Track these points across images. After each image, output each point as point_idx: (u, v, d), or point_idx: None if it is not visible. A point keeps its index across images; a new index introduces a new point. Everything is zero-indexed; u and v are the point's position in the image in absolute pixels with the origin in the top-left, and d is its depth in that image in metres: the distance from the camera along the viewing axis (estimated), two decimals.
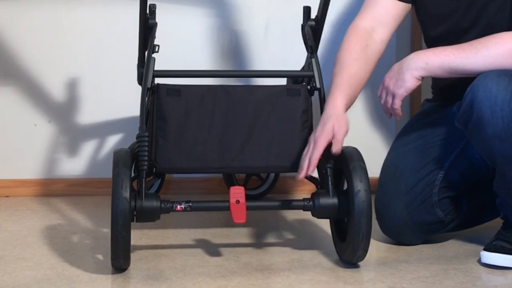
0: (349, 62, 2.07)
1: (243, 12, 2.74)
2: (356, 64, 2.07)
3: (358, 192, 1.88)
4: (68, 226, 2.35)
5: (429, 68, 1.96)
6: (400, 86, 1.99)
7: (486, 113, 1.86)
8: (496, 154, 1.89)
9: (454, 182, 2.13)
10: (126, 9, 2.69)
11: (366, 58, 2.09)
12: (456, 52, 1.95)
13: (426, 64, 1.96)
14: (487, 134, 1.88)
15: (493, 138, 1.87)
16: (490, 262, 1.97)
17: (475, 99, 1.88)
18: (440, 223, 2.13)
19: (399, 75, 1.99)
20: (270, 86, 2.05)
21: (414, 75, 1.97)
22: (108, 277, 1.89)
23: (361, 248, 1.91)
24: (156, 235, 2.24)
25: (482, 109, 1.87)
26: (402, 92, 2.00)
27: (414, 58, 1.98)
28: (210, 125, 2.00)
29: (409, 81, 1.98)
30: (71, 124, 2.73)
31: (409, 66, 1.98)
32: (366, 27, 2.12)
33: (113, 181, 1.85)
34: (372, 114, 2.81)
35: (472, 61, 1.93)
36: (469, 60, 1.93)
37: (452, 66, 1.95)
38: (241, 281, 1.87)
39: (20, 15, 2.68)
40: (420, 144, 2.16)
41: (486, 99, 1.86)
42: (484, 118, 1.87)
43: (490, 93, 1.86)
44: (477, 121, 1.88)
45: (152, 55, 2.06)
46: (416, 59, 1.98)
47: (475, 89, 1.89)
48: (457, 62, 1.94)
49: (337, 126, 1.95)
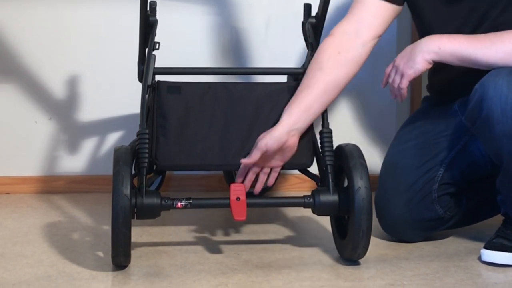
0: (311, 74, 2.02)
1: (244, 9, 2.73)
2: (317, 74, 2.01)
3: (359, 189, 1.88)
4: (68, 223, 2.35)
5: (441, 53, 1.96)
6: (411, 66, 1.99)
7: (496, 111, 1.86)
8: (505, 152, 1.89)
9: (454, 179, 2.13)
10: (126, 6, 2.69)
11: (336, 65, 2.03)
12: (471, 41, 1.94)
13: (439, 49, 1.96)
14: (496, 132, 1.87)
15: (502, 136, 1.87)
16: (491, 260, 1.97)
17: (485, 97, 1.87)
18: (440, 219, 2.13)
19: (411, 55, 1.99)
20: (270, 84, 2.05)
21: (425, 57, 1.97)
22: (109, 274, 1.89)
23: (361, 245, 1.91)
24: (157, 232, 2.24)
25: (492, 107, 1.86)
26: (411, 73, 1.99)
27: (428, 41, 1.98)
28: (210, 122, 2.00)
29: (420, 63, 1.98)
30: (72, 121, 2.73)
31: (422, 48, 1.98)
32: (347, 31, 2.07)
33: (114, 179, 1.85)
34: (372, 111, 2.81)
35: (485, 53, 1.92)
36: (482, 51, 1.92)
37: (464, 55, 1.94)
38: (242, 278, 1.87)
39: (20, 13, 2.68)
40: (420, 141, 2.16)
41: (497, 97, 1.85)
42: (493, 117, 1.86)
43: (501, 92, 1.85)
44: (486, 119, 1.88)
45: (153, 52, 2.06)
46: (430, 42, 1.98)
47: (485, 86, 1.88)
48: (470, 51, 1.94)
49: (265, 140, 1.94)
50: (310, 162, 2.04)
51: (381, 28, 2.09)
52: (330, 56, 2.03)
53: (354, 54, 2.05)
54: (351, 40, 2.06)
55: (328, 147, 2.00)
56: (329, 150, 1.99)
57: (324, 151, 2.00)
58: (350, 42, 2.05)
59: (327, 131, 2.01)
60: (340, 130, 2.73)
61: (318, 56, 2.04)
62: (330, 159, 1.98)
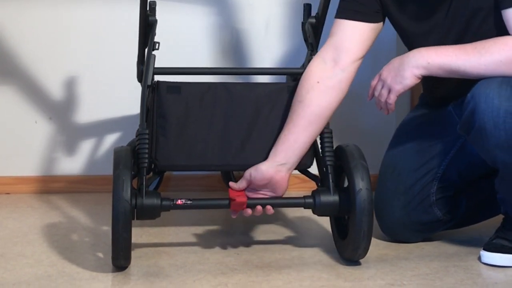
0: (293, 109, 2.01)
1: (244, 10, 2.73)
2: (298, 108, 1.99)
3: (360, 190, 1.88)
4: (68, 224, 2.35)
5: (429, 68, 1.93)
6: (399, 82, 1.95)
7: (489, 124, 1.84)
8: (499, 162, 1.88)
9: (452, 180, 2.12)
10: (126, 6, 2.69)
11: (316, 95, 2.00)
12: (459, 54, 1.91)
13: (427, 63, 1.93)
14: (489, 144, 1.86)
15: (496, 148, 1.86)
16: (490, 262, 1.96)
17: (477, 110, 1.85)
18: (438, 222, 2.13)
19: (399, 71, 1.95)
20: (270, 84, 2.06)
21: (414, 73, 1.94)
22: (109, 274, 1.89)
23: (362, 246, 1.91)
24: (157, 232, 2.24)
25: (484, 120, 1.84)
26: (400, 89, 1.96)
27: (416, 56, 1.94)
28: (210, 123, 2.00)
29: (408, 79, 1.94)
30: (72, 122, 2.73)
31: (410, 63, 1.94)
32: (325, 60, 2.03)
33: (114, 183, 1.84)
34: (373, 111, 2.81)
35: (473, 65, 1.89)
36: (471, 64, 1.89)
37: (453, 68, 1.92)
38: (242, 278, 1.87)
39: (20, 14, 2.68)
40: (418, 143, 2.15)
41: (489, 110, 1.84)
42: (486, 129, 1.85)
43: (492, 104, 1.84)
44: (479, 131, 1.86)
45: (152, 52, 2.06)
46: (418, 57, 1.94)
47: (476, 98, 1.86)
48: (459, 64, 1.90)
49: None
50: (310, 162, 2.04)
51: (360, 50, 2.04)
52: (309, 87, 2.00)
53: (334, 81, 2.02)
54: (330, 69, 2.02)
55: (328, 147, 2.00)
56: (329, 150, 1.99)
57: (325, 151, 1.99)
58: (328, 71, 2.02)
59: (327, 131, 2.01)
60: (340, 130, 2.74)
61: (298, 89, 2.02)
62: (331, 159, 1.98)
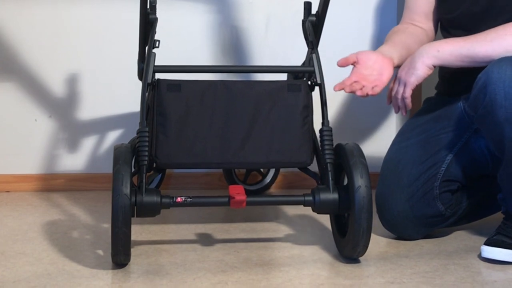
0: (391, 35, 2.23)
1: (244, 8, 2.74)
2: (397, 35, 2.21)
3: (359, 188, 1.89)
4: (68, 221, 2.35)
5: (440, 56, 1.99)
6: (412, 74, 2.03)
7: (500, 94, 1.87)
8: (506, 138, 1.89)
9: (455, 176, 2.13)
10: (126, 4, 2.69)
11: (409, 33, 2.21)
12: (468, 40, 1.99)
13: (437, 52, 1.99)
14: (498, 117, 1.88)
15: (504, 121, 1.87)
16: (491, 256, 1.97)
17: (489, 81, 1.88)
18: (440, 216, 2.13)
19: (411, 64, 2.04)
20: (270, 82, 2.05)
21: (425, 62, 2.00)
22: (109, 272, 1.89)
23: (361, 244, 1.91)
24: (157, 230, 2.25)
25: (496, 90, 1.87)
26: (413, 80, 2.03)
27: (426, 47, 2.03)
28: (210, 121, 2.00)
29: (420, 69, 2.01)
30: (72, 120, 2.73)
31: (421, 54, 2.02)
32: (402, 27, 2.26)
33: (114, 178, 1.85)
34: (373, 110, 2.81)
35: (482, 46, 1.96)
36: (481, 46, 1.96)
37: (463, 52, 1.97)
38: (242, 276, 1.87)
39: (20, 12, 2.68)
40: (423, 138, 2.17)
41: (500, 81, 1.87)
42: (496, 100, 1.87)
43: (504, 75, 1.87)
44: (489, 104, 1.89)
45: (153, 50, 2.06)
46: (428, 47, 2.02)
47: (489, 71, 1.90)
48: (468, 47, 1.97)
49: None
50: (310, 160, 2.04)
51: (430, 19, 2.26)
52: (399, 30, 2.24)
53: (416, 29, 2.23)
54: (409, 26, 2.24)
55: (328, 145, 2.00)
56: (329, 148, 1.99)
57: (324, 149, 2.00)
58: (409, 27, 2.24)
59: (327, 129, 2.01)
60: (340, 129, 2.74)
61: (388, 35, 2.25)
62: (330, 157, 1.98)
